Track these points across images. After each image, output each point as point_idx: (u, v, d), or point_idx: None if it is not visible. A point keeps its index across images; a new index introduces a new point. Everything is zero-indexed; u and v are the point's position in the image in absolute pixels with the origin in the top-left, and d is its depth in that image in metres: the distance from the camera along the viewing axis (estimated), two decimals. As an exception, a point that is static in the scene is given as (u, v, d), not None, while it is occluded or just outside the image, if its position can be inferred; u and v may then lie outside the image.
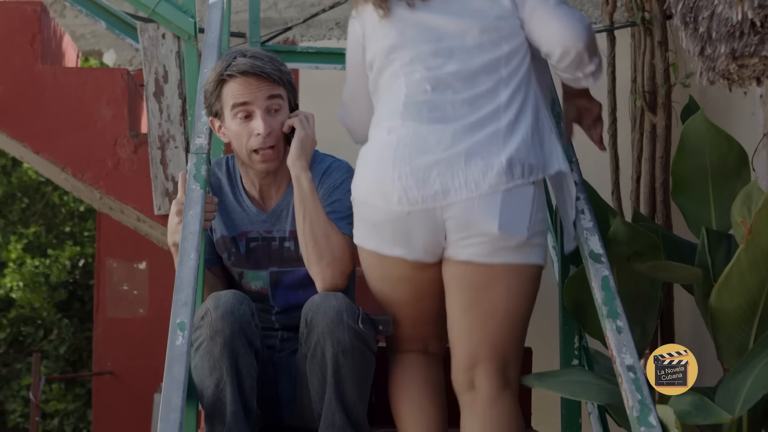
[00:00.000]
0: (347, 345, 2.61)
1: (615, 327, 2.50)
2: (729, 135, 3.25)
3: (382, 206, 2.58)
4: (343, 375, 2.62)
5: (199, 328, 2.62)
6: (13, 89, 4.07)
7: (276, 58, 2.80)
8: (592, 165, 3.97)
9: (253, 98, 2.75)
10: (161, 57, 3.96)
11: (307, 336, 2.66)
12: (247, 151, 2.79)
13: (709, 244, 3.06)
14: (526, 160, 2.56)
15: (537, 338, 3.55)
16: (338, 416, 2.63)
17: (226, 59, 2.78)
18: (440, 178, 2.54)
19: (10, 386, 8.68)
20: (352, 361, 2.62)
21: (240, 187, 2.89)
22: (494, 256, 2.56)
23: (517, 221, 2.55)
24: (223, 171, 2.91)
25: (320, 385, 2.65)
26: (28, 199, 9.31)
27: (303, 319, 2.67)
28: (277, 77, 2.76)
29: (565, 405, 2.87)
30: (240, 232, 2.87)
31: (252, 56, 2.76)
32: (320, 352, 2.63)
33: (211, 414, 2.62)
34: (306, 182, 2.74)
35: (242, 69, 2.74)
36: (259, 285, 2.89)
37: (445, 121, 2.59)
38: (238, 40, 4.92)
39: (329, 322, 2.61)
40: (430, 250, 2.59)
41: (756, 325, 2.88)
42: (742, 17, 2.84)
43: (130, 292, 6.87)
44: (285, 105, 2.80)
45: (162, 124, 3.97)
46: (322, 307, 2.63)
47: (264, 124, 2.75)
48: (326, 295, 2.66)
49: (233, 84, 2.75)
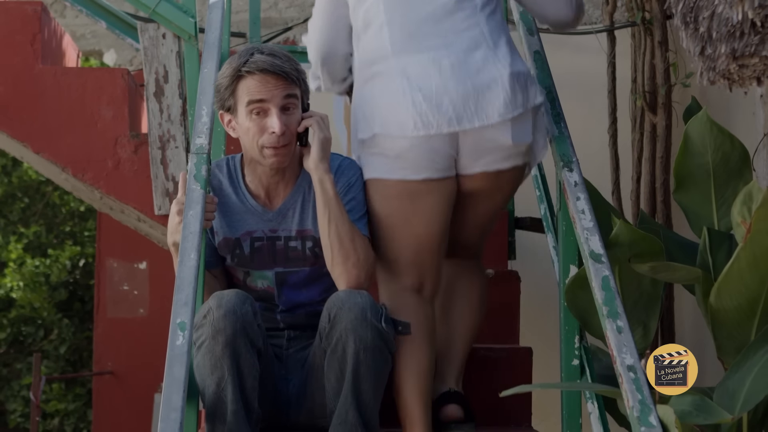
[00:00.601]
0: (369, 343, 2.63)
1: (615, 327, 2.50)
2: (732, 135, 3.25)
3: (399, 134, 2.78)
4: (361, 373, 2.63)
5: (201, 327, 2.62)
6: (14, 89, 4.07)
7: (293, 57, 2.81)
8: (593, 165, 3.97)
9: (270, 96, 2.74)
10: (162, 57, 3.96)
11: (329, 331, 2.66)
12: (259, 147, 2.78)
13: (711, 243, 3.06)
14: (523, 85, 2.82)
15: (537, 338, 3.56)
16: (352, 413, 2.63)
17: (243, 55, 2.77)
18: (452, 105, 2.77)
19: (11, 386, 8.68)
20: (373, 359, 2.63)
21: (243, 187, 2.88)
22: (505, 162, 2.86)
23: (524, 131, 2.84)
24: (224, 172, 2.90)
25: (337, 381, 2.66)
26: (29, 199, 9.30)
27: (326, 314, 2.68)
28: (295, 77, 2.77)
29: (565, 405, 2.87)
30: (244, 232, 2.87)
31: (270, 54, 2.75)
32: (341, 348, 2.64)
33: (212, 413, 2.62)
34: (330, 185, 2.75)
35: (261, 66, 2.73)
36: (265, 284, 2.89)
37: (437, 49, 2.82)
38: (239, 40, 4.92)
39: (353, 319, 2.62)
40: (451, 165, 2.84)
41: (756, 324, 2.88)
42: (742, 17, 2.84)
43: (130, 292, 6.86)
44: (299, 104, 2.80)
45: (162, 124, 3.97)
46: (347, 303, 2.64)
47: (280, 122, 2.74)
48: (351, 292, 2.67)
49: (251, 80, 2.75)
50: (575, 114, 3.71)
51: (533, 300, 3.86)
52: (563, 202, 2.87)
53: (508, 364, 3.21)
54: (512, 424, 3.16)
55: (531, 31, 3.21)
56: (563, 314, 2.90)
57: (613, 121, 4.40)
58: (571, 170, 2.82)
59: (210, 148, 2.83)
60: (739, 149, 3.23)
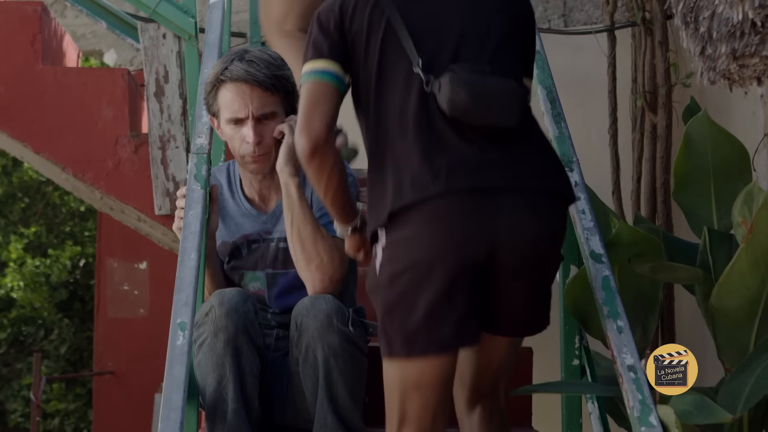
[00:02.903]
0: (337, 348, 2.62)
1: (616, 327, 2.49)
2: (732, 135, 3.25)
3: None
4: (334, 378, 2.63)
5: (203, 325, 2.62)
6: (14, 89, 4.07)
7: (275, 63, 2.77)
8: (593, 165, 3.97)
9: (244, 107, 2.74)
10: (162, 57, 3.97)
11: (297, 339, 2.66)
12: (239, 154, 2.80)
13: (711, 244, 3.06)
14: None
15: (537, 338, 3.55)
16: (330, 417, 2.63)
17: (224, 61, 2.77)
18: None
19: (11, 386, 8.68)
20: (344, 363, 2.63)
21: (239, 191, 2.90)
22: None
23: None
24: (224, 176, 2.92)
25: (314, 387, 2.66)
26: (29, 199, 9.30)
27: (293, 322, 2.67)
28: (271, 84, 2.74)
29: (566, 405, 2.87)
30: (240, 235, 2.87)
31: (249, 61, 2.74)
32: (312, 355, 2.64)
33: (213, 412, 2.62)
34: (294, 188, 2.73)
35: (236, 76, 2.73)
36: (256, 286, 2.88)
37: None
38: (239, 40, 4.92)
39: (319, 326, 2.62)
40: None
41: (756, 325, 2.88)
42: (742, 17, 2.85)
43: (130, 292, 6.86)
44: (280, 111, 2.78)
45: (163, 124, 3.97)
46: (312, 311, 2.63)
47: (254, 133, 2.75)
48: (316, 298, 2.66)
49: (227, 89, 2.75)
50: (575, 114, 3.71)
51: (533, 300, 3.85)
52: (563, 202, 2.86)
53: (509, 364, 3.20)
54: (512, 424, 3.15)
55: (531, 31, 3.20)
56: (563, 314, 2.90)
57: (613, 121, 4.40)
58: (572, 170, 2.82)
59: (210, 147, 2.83)
60: (739, 149, 3.23)
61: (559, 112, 2.99)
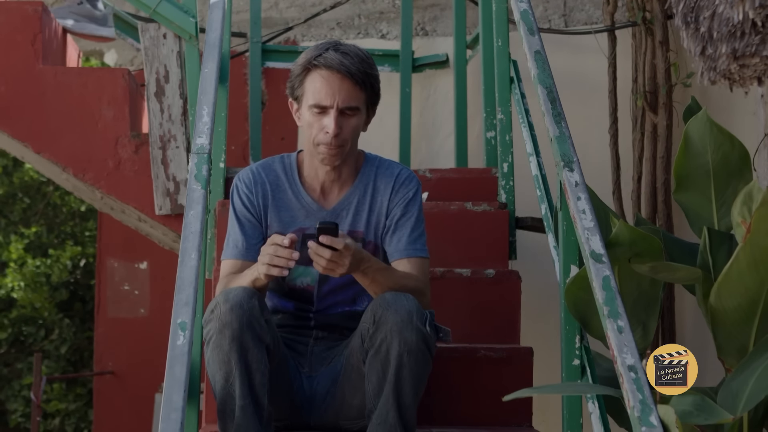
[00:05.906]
0: (413, 346, 2.61)
1: (616, 327, 2.49)
2: (732, 135, 3.25)
3: None
4: (404, 375, 2.62)
5: (210, 322, 2.63)
6: (15, 89, 4.07)
7: (367, 60, 2.78)
8: (593, 165, 3.97)
9: (332, 95, 2.74)
10: (162, 57, 3.97)
11: (373, 332, 2.64)
12: (315, 142, 2.79)
13: (711, 243, 3.07)
14: None
15: (537, 338, 3.55)
16: (392, 414, 2.62)
17: (318, 48, 2.78)
18: None
19: (11, 386, 8.69)
20: (415, 362, 2.62)
21: (298, 183, 2.88)
22: None
23: None
24: (279, 168, 2.89)
25: (378, 382, 2.65)
26: (29, 199, 9.30)
27: (370, 315, 2.66)
28: (361, 80, 2.75)
29: (566, 405, 2.87)
30: (297, 228, 2.85)
31: (343, 53, 2.75)
32: (385, 349, 2.62)
33: (222, 410, 2.63)
34: (362, 277, 2.70)
35: (329, 63, 2.73)
36: (306, 282, 2.87)
37: None
38: (239, 40, 4.92)
39: (399, 321, 2.61)
40: None
41: (756, 325, 2.88)
42: (743, 17, 2.85)
43: (131, 292, 6.86)
44: (362, 108, 2.79)
45: (163, 124, 3.97)
46: (393, 305, 2.63)
47: (335, 124, 2.74)
48: (398, 295, 2.66)
49: (317, 76, 2.75)
50: (576, 114, 3.72)
51: (534, 300, 3.85)
52: (564, 202, 2.87)
53: (509, 363, 3.21)
54: (513, 424, 3.15)
55: (531, 31, 3.21)
56: (564, 314, 2.90)
57: (613, 121, 4.40)
58: (572, 170, 2.82)
59: (211, 147, 2.83)
60: (739, 149, 3.23)
61: (559, 112, 2.99)
